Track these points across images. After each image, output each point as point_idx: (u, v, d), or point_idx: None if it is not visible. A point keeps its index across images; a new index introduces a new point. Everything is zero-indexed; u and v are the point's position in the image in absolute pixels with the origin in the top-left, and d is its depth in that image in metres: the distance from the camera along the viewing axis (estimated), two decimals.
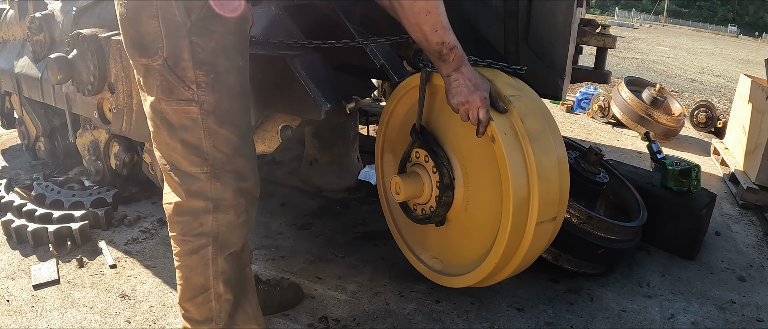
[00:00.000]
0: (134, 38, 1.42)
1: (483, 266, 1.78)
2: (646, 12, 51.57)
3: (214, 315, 1.59)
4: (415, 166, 1.91)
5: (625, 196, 2.72)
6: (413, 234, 2.18)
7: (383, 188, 2.25)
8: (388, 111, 2.08)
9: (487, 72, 1.82)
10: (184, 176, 1.49)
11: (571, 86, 3.85)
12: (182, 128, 1.45)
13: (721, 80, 10.23)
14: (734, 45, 24.59)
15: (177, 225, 1.53)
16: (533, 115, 1.68)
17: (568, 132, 4.93)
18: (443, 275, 2.02)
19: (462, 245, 1.93)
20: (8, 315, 1.99)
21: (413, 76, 1.93)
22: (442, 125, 1.86)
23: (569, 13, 2.28)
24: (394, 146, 2.15)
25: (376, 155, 2.23)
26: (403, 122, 2.07)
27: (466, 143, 1.78)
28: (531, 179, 1.62)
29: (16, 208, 2.59)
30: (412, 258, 2.15)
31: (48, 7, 2.98)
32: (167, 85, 1.42)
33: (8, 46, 3.31)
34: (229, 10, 1.43)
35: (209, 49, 1.41)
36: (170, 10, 1.37)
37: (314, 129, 3.15)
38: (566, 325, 2.08)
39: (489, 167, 1.71)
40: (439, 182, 1.83)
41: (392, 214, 2.25)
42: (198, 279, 1.55)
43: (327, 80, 1.93)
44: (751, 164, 3.54)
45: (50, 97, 2.86)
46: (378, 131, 2.18)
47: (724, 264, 2.64)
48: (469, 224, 1.85)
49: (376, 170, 2.27)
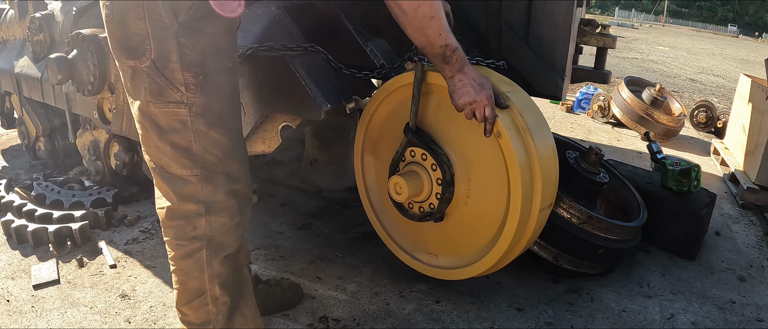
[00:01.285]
0: (121, 40, 1.41)
1: (491, 254, 1.85)
2: (646, 12, 51.57)
3: (212, 318, 1.58)
4: (412, 165, 1.91)
5: (625, 196, 2.72)
6: (403, 233, 2.17)
7: (365, 189, 2.21)
8: (370, 112, 2.05)
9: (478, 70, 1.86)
10: (174, 179, 1.48)
11: (571, 86, 3.85)
12: (171, 131, 1.43)
13: (721, 80, 10.24)
14: (734, 45, 24.59)
15: (170, 230, 1.53)
16: (529, 109, 1.78)
17: (568, 132, 4.93)
18: (444, 269, 2.03)
19: (463, 237, 1.95)
20: (8, 315, 1.99)
21: (397, 77, 1.92)
22: (438, 122, 1.87)
23: (569, 13, 2.29)
24: (375, 147, 2.12)
25: (356, 157, 2.19)
26: (385, 123, 2.05)
27: (465, 138, 1.81)
28: (534, 169, 1.72)
29: (16, 208, 2.59)
30: (406, 257, 2.14)
31: (48, 7, 2.98)
32: (156, 87, 1.40)
33: (8, 46, 3.31)
34: (228, 10, 1.43)
35: (198, 50, 1.40)
36: (157, 11, 1.35)
37: (314, 129, 3.15)
38: (566, 325, 2.08)
39: (492, 161, 1.76)
40: (441, 179, 1.84)
41: (377, 215, 2.21)
42: (194, 282, 1.54)
43: (327, 80, 1.93)
44: (751, 164, 3.54)
45: (50, 97, 2.86)
46: (358, 133, 2.14)
47: (724, 264, 2.64)
48: (469, 217, 1.89)
49: (356, 172, 2.22)
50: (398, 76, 1.93)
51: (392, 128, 2.01)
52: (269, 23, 2.01)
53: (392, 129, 2.01)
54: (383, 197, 2.16)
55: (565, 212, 2.25)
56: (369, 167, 2.19)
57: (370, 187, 2.20)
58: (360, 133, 2.13)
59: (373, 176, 2.18)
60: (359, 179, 2.22)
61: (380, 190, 2.17)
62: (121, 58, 1.44)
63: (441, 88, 1.80)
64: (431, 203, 1.91)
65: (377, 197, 2.20)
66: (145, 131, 1.47)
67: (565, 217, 2.24)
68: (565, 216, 2.24)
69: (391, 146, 2.01)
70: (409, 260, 2.14)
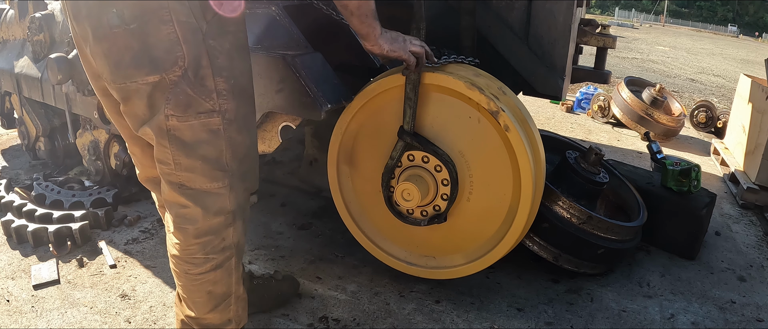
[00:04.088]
0: (138, 53, 1.21)
1: (501, 245, 1.90)
2: (646, 12, 51.55)
3: (233, 316, 1.56)
4: (413, 169, 1.90)
5: (625, 196, 2.72)
6: (392, 240, 2.14)
7: (343, 200, 2.15)
8: (347, 120, 1.99)
9: (462, 68, 1.91)
10: (199, 195, 1.36)
11: (571, 86, 3.85)
12: (201, 143, 1.32)
13: (721, 80, 10.23)
14: (734, 45, 24.58)
15: (197, 246, 1.41)
16: (519, 103, 1.88)
17: (568, 132, 4.93)
18: (446, 269, 2.03)
19: (466, 234, 1.96)
20: (8, 315, 1.99)
21: (377, 83, 1.90)
22: (431, 123, 1.87)
23: (569, 13, 2.29)
24: (350, 155, 2.07)
25: (330, 167, 2.11)
26: (362, 130, 2.01)
27: (464, 136, 1.83)
28: (536, 158, 1.81)
29: (16, 208, 2.59)
30: (402, 265, 2.13)
31: (48, 7, 2.98)
32: (184, 99, 1.26)
33: (8, 46, 3.31)
34: (229, 10, 1.43)
35: (225, 52, 1.30)
36: (184, 11, 1.21)
37: (314, 129, 3.14)
38: (566, 325, 2.08)
39: (495, 154, 1.81)
40: (447, 179, 1.85)
41: (359, 226, 2.16)
42: (221, 288, 1.49)
43: (327, 80, 1.93)
44: (751, 164, 3.54)
45: (50, 97, 2.86)
46: (332, 144, 2.06)
47: (724, 264, 2.64)
48: (472, 213, 1.92)
49: (331, 183, 2.14)
50: (377, 81, 1.91)
51: (372, 135, 1.98)
52: (269, 23, 2.01)
53: (372, 136, 1.98)
54: (365, 207, 2.13)
55: (565, 212, 2.25)
56: (345, 177, 2.13)
57: (348, 199, 2.15)
58: (335, 143, 2.05)
59: (351, 186, 2.14)
60: (336, 192, 2.14)
61: (360, 200, 2.13)
62: (137, 76, 1.24)
63: (432, 88, 1.81)
64: (436, 205, 1.91)
65: (358, 208, 2.15)
66: (163, 149, 1.33)
67: (565, 217, 2.24)
68: (565, 216, 2.24)
69: (373, 153, 1.99)
70: (405, 267, 2.12)
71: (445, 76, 1.79)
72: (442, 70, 1.83)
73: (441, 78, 1.79)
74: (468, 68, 1.92)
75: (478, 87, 1.76)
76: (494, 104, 1.74)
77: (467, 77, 1.80)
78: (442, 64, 1.85)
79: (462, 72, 1.85)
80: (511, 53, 2.43)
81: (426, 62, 1.75)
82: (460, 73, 1.82)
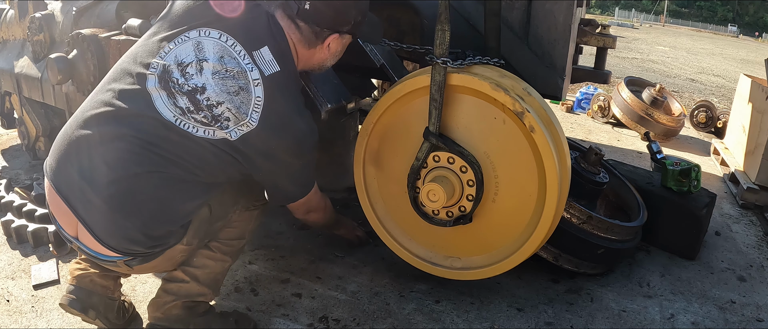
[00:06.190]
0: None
1: (526, 246, 1.90)
2: (646, 12, 51.58)
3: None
4: (438, 170, 1.89)
5: (625, 196, 2.72)
6: (417, 242, 2.13)
7: (369, 202, 2.15)
8: (373, 121, 1.99)
9: (487, 69, 1.89)
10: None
11: (571, 86, 3.85)
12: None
13: (721, 80, 10.24)
14: (734, 45, 24.60)
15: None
16: (544, 104, 1.87)
17: (568, 132, 4.93)
18: (473, 270, 2.03)
19: (492, 234, 1.96)
20: (8, 315, 1.99)
21: (402, 84, 1.89)
22: (457, 124, 1.87)
23: (569, 13, 2.28)
24: (376, 156, 2.07)
25: (356, 168, 2.11)
26: (387, 131, 2.01)
27: (490, 137, 1.84)
28: (561, 159, 1.82)
29: (16, 208, 2.59)
30: (427, 266, 2.11)
31: (48, 7, 2.98)
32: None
33: (8, 46, 3.31)
34: (228, 11, 1.43)
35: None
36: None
37: None
38: (566, 325, 2.08)
39: (521, 155, 1.81)
40: (472, 180, 1.85)
41: (385, 227, 2.15)
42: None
43: (327, 80, 1.93)
44: (751, 164, 3.54)
45: (50, 97, 2.86)
46: (359, 143, 2.06)
47: (724, 264, 2.64)
48: (498, 214, 1.92)
49: (357, 183, 2.14)
50: (403, 82, 1.90)
51: (397, 136, 1.98)
52: None
53: (398, 137, 1.98)
54: (390, 207, 2.12)
55: (565, 212, 2.25)
56: (371, 178, 2.13)
57: (374, 199, 2.15)
58: (361, 145, 2.06)
59: (377, 187, 2.13)
60: (362, 192, 2.14)
61: (386, 201, 2.12)
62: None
63: (457, 89, 1.81)
64: (462, 206, 1.91)
65: (383, 209, 2.14)
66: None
67: (565, 217, 2.24)
68: (565, 216, 2.24)
69: (398, 154, 1.98)
70: (432, 268, 2.10)
71: (470, 78, 1.78)
72: (468, 71, 1.82)
73: (466, 79, 1.78)
74: (493, 69, 1.90)
75: (504, 88, 1.75)
76: (519, 104, 1.73)
77: (492, 78, 1.79)
78: (468, 66, 1.84)
79: (487, 73, 1.84)
80: (511, 53, 2.43)
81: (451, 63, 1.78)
82: (486, 75, 1.81)
